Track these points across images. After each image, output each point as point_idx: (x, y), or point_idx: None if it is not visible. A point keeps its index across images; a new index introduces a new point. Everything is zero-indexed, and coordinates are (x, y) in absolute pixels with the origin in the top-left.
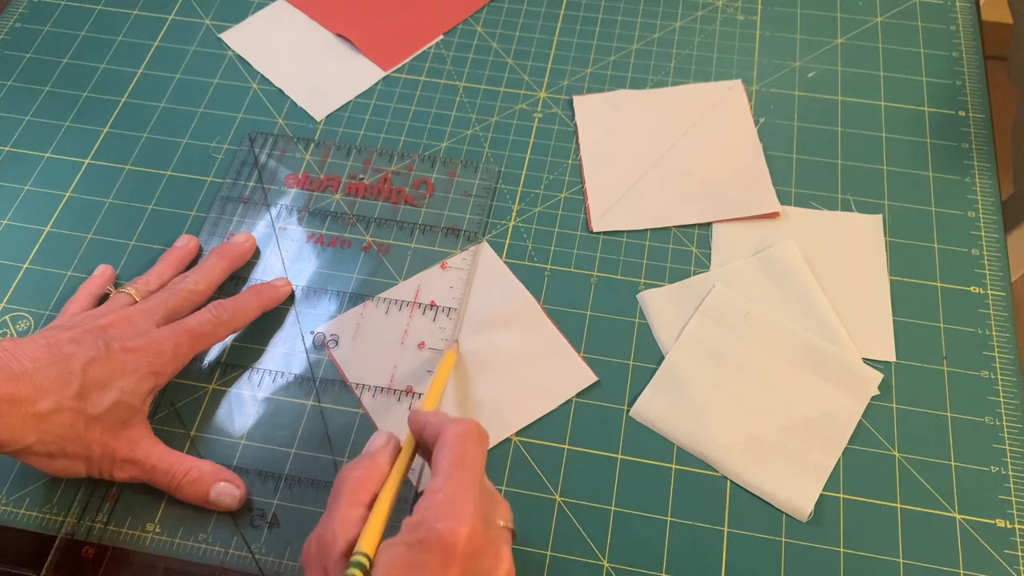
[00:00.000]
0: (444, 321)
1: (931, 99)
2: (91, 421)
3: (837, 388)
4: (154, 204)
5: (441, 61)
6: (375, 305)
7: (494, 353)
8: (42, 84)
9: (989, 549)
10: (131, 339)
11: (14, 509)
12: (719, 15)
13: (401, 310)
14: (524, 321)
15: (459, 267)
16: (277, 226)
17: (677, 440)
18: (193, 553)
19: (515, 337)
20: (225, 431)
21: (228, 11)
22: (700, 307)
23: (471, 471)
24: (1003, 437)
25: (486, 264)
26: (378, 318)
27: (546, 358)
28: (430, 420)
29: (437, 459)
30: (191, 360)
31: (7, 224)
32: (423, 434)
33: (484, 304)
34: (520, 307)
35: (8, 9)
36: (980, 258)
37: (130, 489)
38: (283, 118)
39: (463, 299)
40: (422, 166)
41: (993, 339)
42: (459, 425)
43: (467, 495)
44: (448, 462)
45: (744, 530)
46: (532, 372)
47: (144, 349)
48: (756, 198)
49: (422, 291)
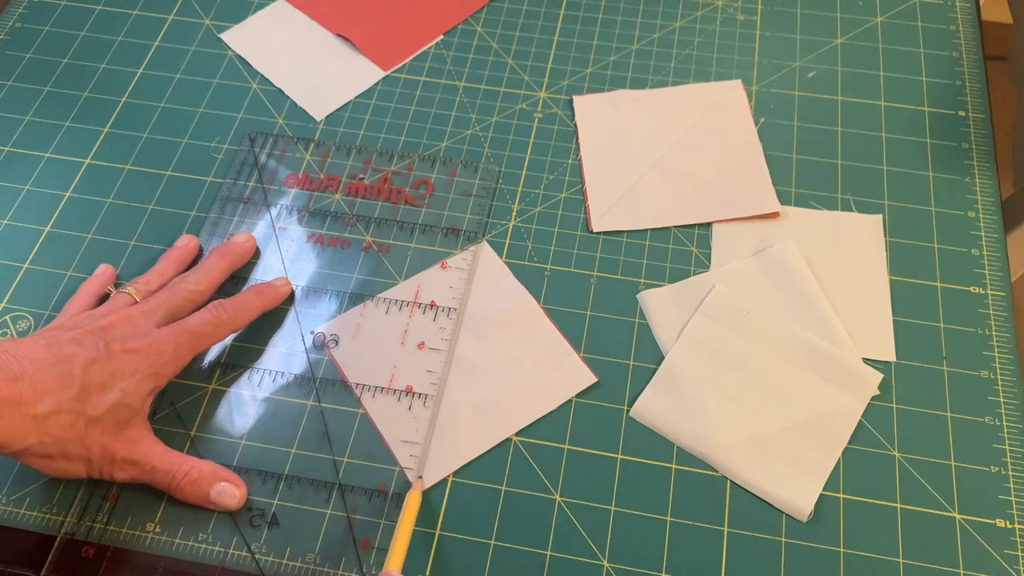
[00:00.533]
0: (444, 321)
1: (931, 99)
2: (91, 422)
3: (837, 388)
4: (154, 204)
5: (441, 61)
6: (375, 305)
7: (494, 353)
8: (42, 84)
9: (989, 549)
10: (132, 340)
11: (14, 509)
12: (719, 15)
13: (401, 310)
14: (524, 321)
15: (459, 267)
16: (277, 226)
17: (677, 440)
18: (193, 553)
19: (515, 337)
20: (225, 431)
21: (228, 11)
22: (700, 307)
23: None
24: (1003, 437)
25: (486, 264)
26: (378, 318)
27: (546, 358)
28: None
29: None
30: (191, 360)
31: (7, 224)
32: None
33: (484, 304)
34: (520, 307)
35: (8, 9)
36: (980, 258)
37: (130, 489)
38: (283, 118)
39: (463, 299)
40: (422, 166)
41: (993, 339)
42: None
43: None
44: None
45: (744, 530)
46: (532, 372)
47: (145, 350)
48: (756, 198)
49: (422, 291)
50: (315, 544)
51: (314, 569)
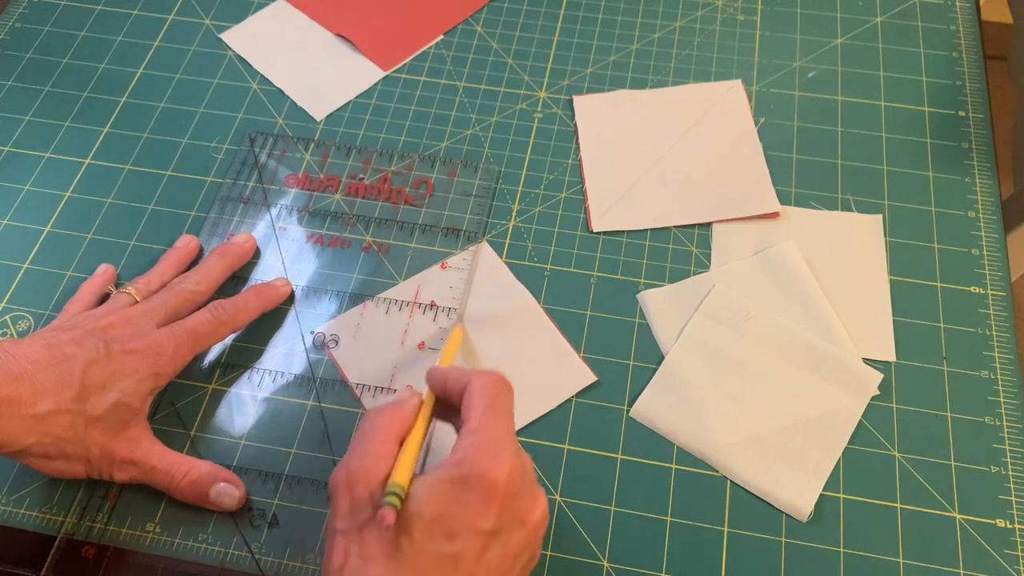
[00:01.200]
0: (444, 321)
1: (931, 99)
2: (90, 423)
3: (837, 388)
4: (154, 204)
5: (441, 61)
6: (375, 305)
7: (493, 353)
8: (42, 84)
9: (989, 549)
10: (132, 341)
11: (14, 509)
12: (719, 15)
13: (401, 310)
14: (524, 321)
15: (459, 267)
16: (277, 226)
17: (677, 440)
18: (193, 553)
19: (515, 337)
20: (225, 431)
21: (228, 11)
22: (700, 307)
23: (505, 417)
24: (1003, 437)
25: (486, 264)
26: (378, 318)
27: (545, 358)
28: (451, 374)
29: (469, 406)
30: (191, 360)
31: (7, 224)
32: (446, 387)
33: (484, 304)
34: (520, 307)
35: (8, 9)
36: (980, 258)
37: (130, 489)
38: (283, 118)
39: (463, 299)
40: (422, 166)
41: (993, 339)
42: (488, 375)
43: (505, 438)
44: (481, 409)
45: (744, 530)
46: (531, 372)
47: (144, 351)
48: (756, 198)
49: (422, 291)
50: (315, 544)
51: (314, 569)
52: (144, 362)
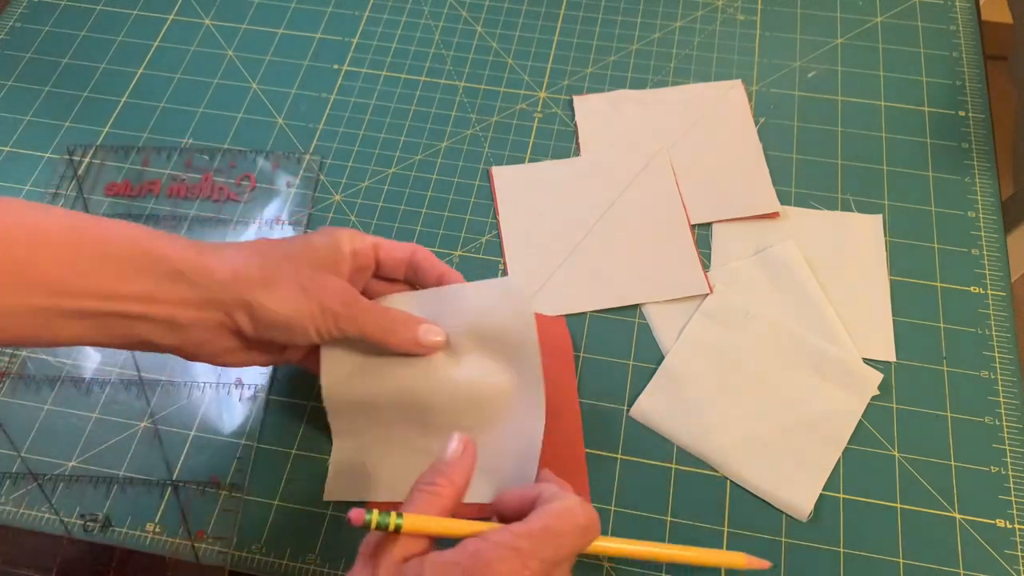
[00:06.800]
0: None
1: (931, 99)
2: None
3: (837, 388)
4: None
5: (441, 61)
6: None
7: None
8: (42, 84)
9: (989, 549)
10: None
11: (14, 509)
12: (719, 15)
13: None
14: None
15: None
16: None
17: (677, 440)
18: (193, 553)
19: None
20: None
21: (228, 11)
22: (700, 307)
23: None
24: (1003, 437)
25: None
26: None
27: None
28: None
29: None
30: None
31: None
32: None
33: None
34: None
35: (8, 9)
36: (980, 258)
37: (130, 489)
38: (283, 118)
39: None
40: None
41: (993, 339)
42: (585, 512)
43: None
44: (539, 525)
45: (744, 530)
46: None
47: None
48: (756, 198)
49: None
50: (316, 544)
51: (314, 569)
52: None
